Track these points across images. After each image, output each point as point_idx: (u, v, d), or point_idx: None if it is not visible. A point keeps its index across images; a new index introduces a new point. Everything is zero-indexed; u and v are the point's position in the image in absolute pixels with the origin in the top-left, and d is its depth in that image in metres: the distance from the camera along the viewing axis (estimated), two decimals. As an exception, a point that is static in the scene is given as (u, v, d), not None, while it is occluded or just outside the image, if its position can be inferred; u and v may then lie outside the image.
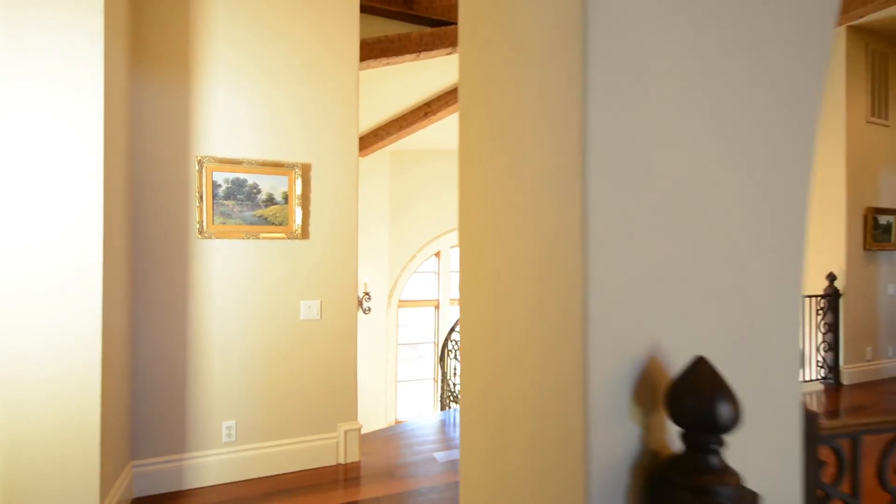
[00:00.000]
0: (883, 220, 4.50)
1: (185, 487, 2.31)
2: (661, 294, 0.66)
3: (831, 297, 4.33)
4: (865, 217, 4.41)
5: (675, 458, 0.61)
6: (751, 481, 0.72)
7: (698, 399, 0.57)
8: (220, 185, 2.39)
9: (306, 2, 2.60)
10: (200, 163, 2.34)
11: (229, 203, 2.41)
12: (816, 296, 4.34)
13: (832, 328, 4.33)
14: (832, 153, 4.41)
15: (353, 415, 2.64)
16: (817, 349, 4.38)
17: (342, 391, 2.60)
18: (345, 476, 2.47)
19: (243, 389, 2.42)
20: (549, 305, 0.68)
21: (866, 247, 4.42)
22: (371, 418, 5.85)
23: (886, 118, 4.57)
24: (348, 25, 2.70)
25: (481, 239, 0.87)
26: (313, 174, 2.59)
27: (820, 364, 4.36)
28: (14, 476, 1.73)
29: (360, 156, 5.84)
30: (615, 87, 0.61)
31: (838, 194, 4.37)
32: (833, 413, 3.89)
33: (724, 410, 0.56)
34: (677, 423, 0.59)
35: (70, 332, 1.78)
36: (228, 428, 2.39)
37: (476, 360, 0.89)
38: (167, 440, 2.30)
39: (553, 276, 0.67)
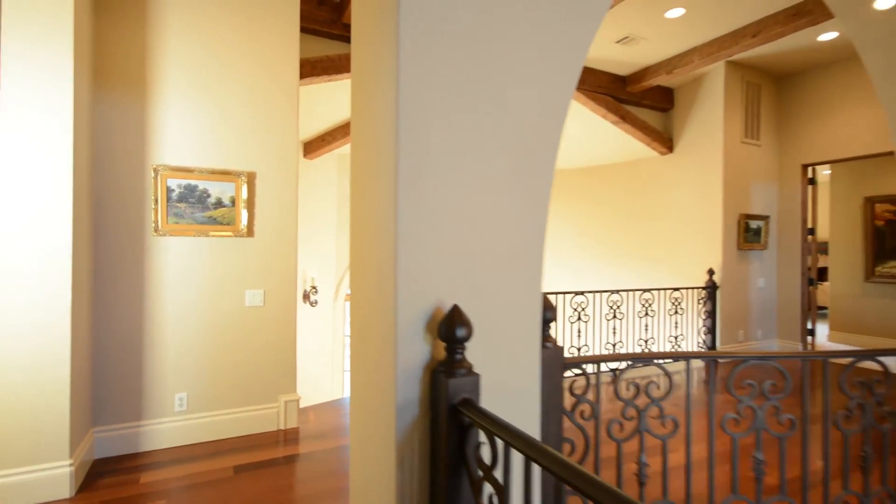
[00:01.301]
0: (754, 224, 5.38)
1: (141, 450, 2.68)
2: (444, 272, 1.18)
3: (710, 289, 5.16)
4: (739, 222, 5.28)
5: (442, 360, 1.14)
6: (504, 380, 1.26)
7: (449, 326, 1.09)
8: (173, 190, 2.76)
9: (251, 32, 3.00)
10: (156, 170, 2.71)
11: (182, 205, 2.78)
12: (698, 287, 5.16)
13: (711, 314, 5.16)
14: (711, 168, 5.25)
15: (293, 388, 3.08)
16: (699, 332, 5.20)
17: (282, 367, 3.04)
18: (284, 438, 2.91)
19: (194, 365, 2.81)
20: (382, 278, 1.19)
21: (740, 247, 5.28)
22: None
23: (758, 139, 5.46)
24: (289, 52, 3.12)
25: (360, 235, 1.37)
26: (258, 181, 3.00)
27: (700, 344, 5.18)
28: (-6, 434, 2.07)
29: (309, 159, 6.21)
30: (413, 151, 1.13)
31: (716, 203, 5.20)
32: (708, 382, 4.68)
33: (461, 331, 1.09)
34: (442, 340, 1.11)
35: (44, 313, 2.14)
36: (181, 399, 2.77)
37: (357, 314, 1.39)
38: (125, 409, 2.65)
39: (384, 260, 1.18)
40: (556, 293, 4.27)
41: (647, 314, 4.78)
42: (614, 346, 4.61)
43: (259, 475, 2.44)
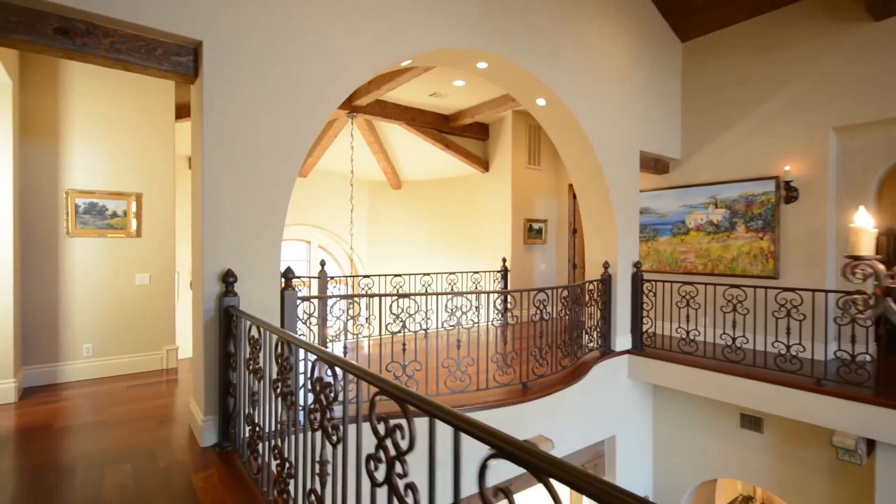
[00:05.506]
0: (536, 226, 7.58)
1: (59, 381, 3.95)
2: (227, 249, 2.78)
3: (504, 272, 7.24)
4: (524, 224, 7.43)
5: (224, 291, 2.75)
6: (263, 303, 2.90)
7: (225, 277, 2.70)
8: (80, 206, 4.03)
9: (138, 89, 4.32)
10: (67, 193, 3.97)
11: (87, 216, 4.07)
12: (495, 271, 7.22)
13: (504, 290, 7.24)
14: (504, 187, 7.34)
15: (172, 340, 4.48)
16: (495, 303, 7.27)
17: (163, 326, 4.42)
18: (167, 373, 4.31)
19: (98, 325, 4.11)
20: (199, 253, 2.77)
21: (525, 242, 7.44)
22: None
23: (539, 165, 7.66)
24: (166, 104, 4.48)
25: (193, 228, 2.92)
26: (144, 199, 4.34)
27: (497, 311, 7.25)
28: (-39, 363, 3.30)
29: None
30: (211, 186, 2.72)
31: (508, 211, 7.29)
32: (505, 331, 6.73)
33: (230, 279, 2.70)
34: (223, 283, 2.72)
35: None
36: (87, 347, 4.07)
37: (192, 272, 2.95)
38: (46, 354, 3.90)
39: (199, 243, 2.76)
40: (380, 275, 6.01)
41: (452, 290, 6.73)
42: (426, 313, 6.47)
43: (145, 389, 3.86)
